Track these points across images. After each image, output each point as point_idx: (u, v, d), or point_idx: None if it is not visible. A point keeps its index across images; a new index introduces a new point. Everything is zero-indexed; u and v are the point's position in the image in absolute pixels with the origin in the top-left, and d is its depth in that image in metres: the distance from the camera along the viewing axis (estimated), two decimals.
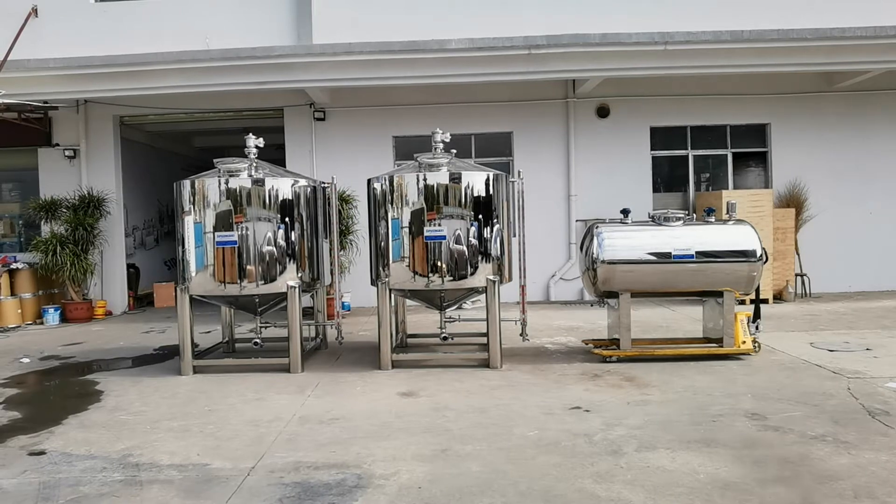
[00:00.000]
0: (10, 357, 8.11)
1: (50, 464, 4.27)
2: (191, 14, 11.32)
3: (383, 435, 4.61)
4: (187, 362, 6.77)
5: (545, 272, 11.50)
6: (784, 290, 10.94)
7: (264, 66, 9.99)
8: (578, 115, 11.65)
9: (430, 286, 6.59)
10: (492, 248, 6.62)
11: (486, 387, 5.83)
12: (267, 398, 5.75)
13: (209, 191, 6.63)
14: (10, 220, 12.54)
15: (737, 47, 9.85)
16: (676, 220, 6.80)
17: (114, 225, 11.92)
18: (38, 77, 10.12)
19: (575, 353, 7.17)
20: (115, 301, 12.02)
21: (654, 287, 6.83)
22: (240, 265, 6.59)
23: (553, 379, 6.08)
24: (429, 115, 11.33)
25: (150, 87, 10.21)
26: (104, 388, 6.31)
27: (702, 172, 12.28)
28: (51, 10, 11.36)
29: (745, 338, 6.83)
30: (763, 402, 5.18)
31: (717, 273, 6.62)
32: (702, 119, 11.84)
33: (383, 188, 6.72)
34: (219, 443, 4.58)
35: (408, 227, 6.58)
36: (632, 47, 9.86)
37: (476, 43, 9.72)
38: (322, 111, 11.69)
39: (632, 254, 6.59)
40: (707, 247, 6.61)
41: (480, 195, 6.58)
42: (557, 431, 4.58)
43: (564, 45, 9.75)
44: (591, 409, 5.09)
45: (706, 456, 4.07)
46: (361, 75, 10.14)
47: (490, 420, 4.88)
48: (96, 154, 11.93)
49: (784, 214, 11.04)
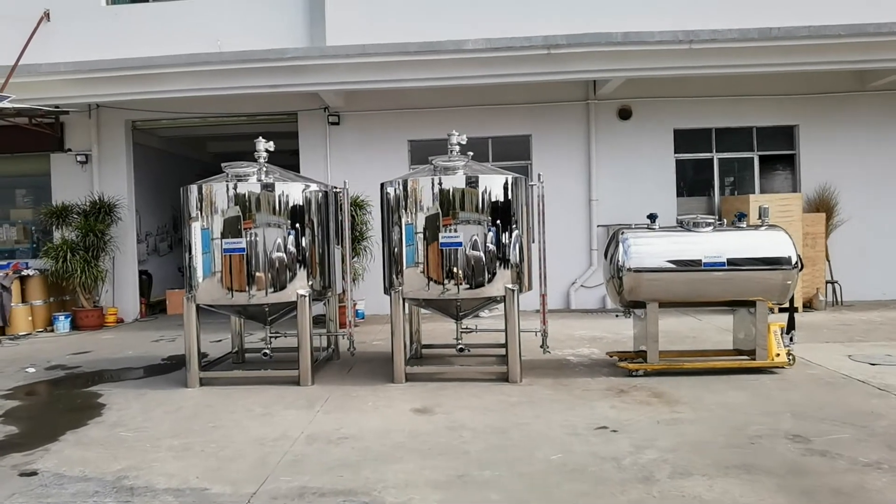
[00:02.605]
0: (17, 366, 7.94)
1: (40, 486, 4.02)
2: (203, 17, 11.16)
3: (395, 457, 4.30)
4: (194, 374, 6.52)
5: (565, 279, 11.13)
6: (814, 298, 10.49)
7: (277, 68, 9.77)
8: (599, 118, 11.29)
9: (445, 295, 6.27)
10: (510, 255, 6.30)
11: (506, 403, 5.50)
12: (274, 413, 5.47)
13: (217, 196, 6.39)
14: (22, 227, 12.46)
15: (765, 45, 9.44)
16: (706, 225, 6.43)
17: (126, 231, 11.77)
18: (49, 81, 10.00)
19: (599, 367, 6.81)
20: (127, 308, 11.86)
21: (682, 296, 6.46)
22: (248, 273, 6.33)
23: (577, 395, 5.73)
24: (445, 118, 11.04)
25: (162, 90, 10.05)
26: (107, 402, 6.07)
27: (726, 176, 11.86)
28: (63, 14, 11.25)
29: (779, 350, 6.44)
30: (804, 421, 4.80)
31: (749, 281, 6.25)
32: (727, 121, 11.42)
33: (397, 193, 6.43)
34: (220, 464, 4.31)
35: (422, 233, 6.28)
36: (655, 46, 9.49)
37: (493, 43, 9.42)
38: (336, 115, 11.46)
39: (659, 261, 6.23)
40: (739, 254, 6.24)
41: (499, 200, 6.26)
42: (583, 455, 4.24)
43: (585, 45, 9.41)
44: (618, 429, 4.74)
45: (747, 484, 3.71)
46: (376, 78, 9.88)
47: (510, 441, 4.55)
48: (108, 159, 11.80)
49: (814, 219, 10.60)
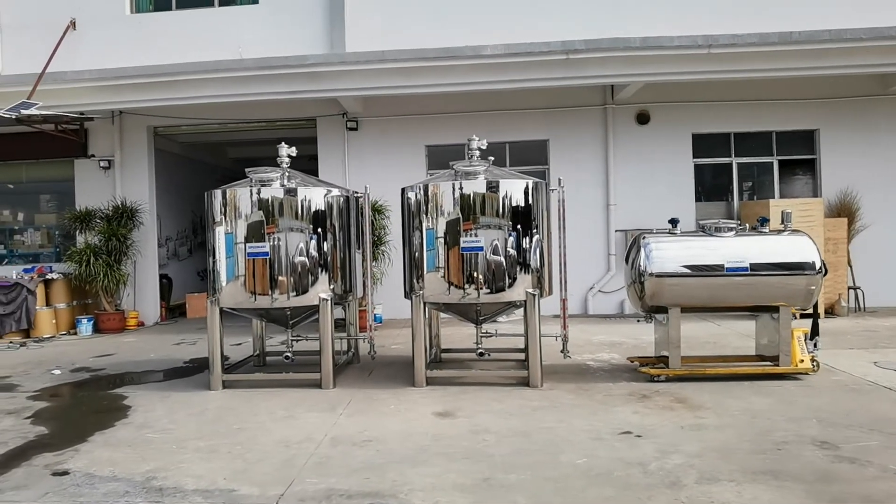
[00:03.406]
0: (43, 368, 8.06)
1: (72, 485, 4.08)
2: (224, 24, 11.33)
3: (420, 460, 4.32)
4: (217, 377, 6.59)
5: (583, 284, 11.11)
6: (836, 303, 10.38)
7: (297, 75, 9.88)
8: (617, 122, 11.29)
9: (466, 299, 6.29)
10: (531, 259, 6.31)
11: (528, 408, 5.50)
12: (297, 416, 5.52)
13: (241, 201, 6.47)
14: (46, 231, 12.66)
15: (785, 49, 9.39)
16: (728, 230, 6.40)
17: (147, 235, 11.92)
18: (74, 89, 10.18)
19: (619, 372, 6.79)
20: (148, 312, 12.00)
21: (704, 301, 6.42)
22: (271, 277, 6.40)
23: (598, 400, 5.72)
24: (462, 124, 11.10)
25: (184, 97, 10.19)
26: (132, 403, 6.16)
27: (744, 181, 11.78)
28: (88, 23, 11.48)
29: (803, 356, 6.38)
30: (831, 428, 4.76)
31: (773, 287, 6.20)
32: (746, 125, 11.36)
33: (417, 197, 6.48)
34: (247, 465, 4.35)
35: (443, 237, 6.31)
36: (674, 51, 9.48)
37: (512, 48, 9.46)
38: (355, 121, 11.55)
39: (681, 266, 6.21)
40: (762, 259, 6.20)
41: (519, 204, 6.28)
42: (608, 459, 4.23)
43: (604, 50, 9.42)
44: (642, 434, 4.73)
45: (776, 490, 3.68)
46: (395, 83, 9.95)
47: (534, 445, 4.55)
48: (130, 165, 11.98)
49: (835, 224, 10.50)
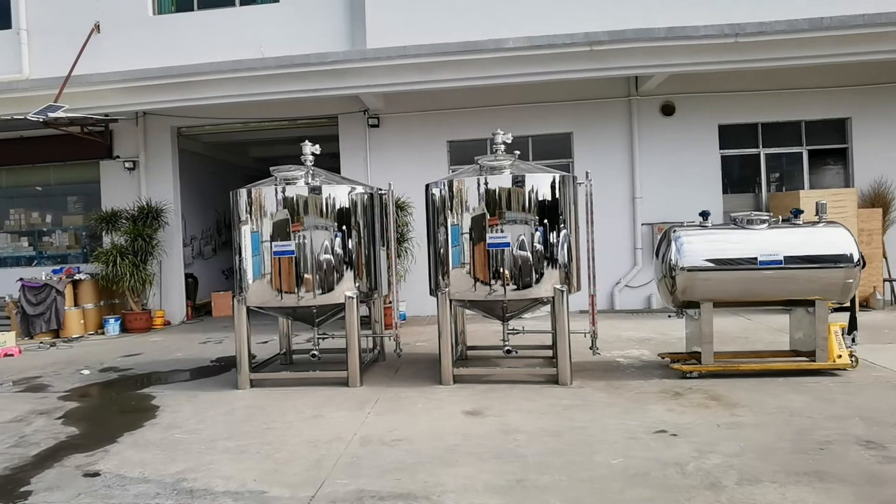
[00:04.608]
0: (72, 368, 8.15)
1: (104, 486, 4.08)
2: (246, 24, 11.33)
3: (450, 460, 4.25)
4: (244, 376, 6.59)
5: (609, 279, 10.95)
6: (871, 296, 10.11)
7: (319, 72, 9.85)
8: (642, 114, 11.09)
9: (492, 296, 6.21)
10: (559, 255, 6.20)
11: (558, 406, 5.40)
12: (326, 415, 5.48)
13: (266, 199, 6.45)
14: (74, 232, 12.83)
15: (815, 36, 9.12)
16: (761, 222, 6.23)
17: (172, 235, 12.02)
18: (99, 91, 10.27)
19: (650, 368, 6.66)
20: (174, 311, 12.10)
21: (737, 296, 6.26)
22: (297, 275, 6.38)
23: (630, 397, 5.60)
24: (484, 118, 11.01)
25: (206, 96, 10.22)
26: (160, 403, 6.18)
27: (772, 172, 11.51)
28: (112, 25, 11.56)
29: (841, 351, 6.19)
30: (876, 427, 4.59)
31: (808, 280, 6.02)
32: (774, 115, 11.10)
33: (442, 193, 6.40)
34: (276, 466, 4.32)
35: (468, 233, 6.23)
36: (700, 41, 9.26)
37: (534, 41, 9.32)
38: (376, 118, 11.51)
39: (713, 260, 6.06)
40: (797, 251, 6.02)
41: (546, 199, 6.17)
42: (644, 459, 4.12)
43: (628, 41, 9.23)
44: (678, 433, 4.61)
45: (822, 493, 3.55)
46: (416, 79, 9.87)
47: (566, 445, 4.46)
48: (155, 165, 12.08)
49: (869, 215, 10.21)
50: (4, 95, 10.41)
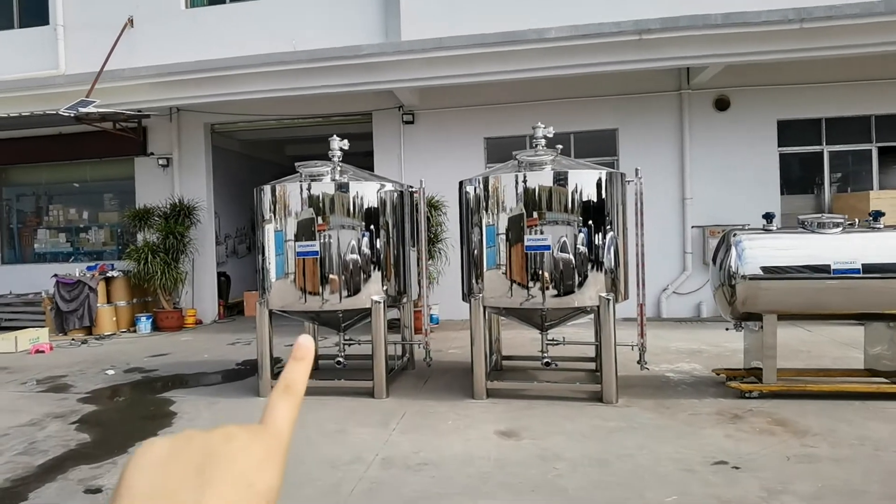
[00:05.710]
0: (98, 367, 7.97)
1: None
2: (278, 16, 11.06)
3: (482, 491, 3.78)
4: (266, 383, 6.25)
5: (656, 285, 10.27)
6: None
7: (352, 66, 9.48)
8: (693, 109, 10.38)
9: (530, 304, 5.70)
10: (604, 259, 5.65)
11: (603, 429, 4.86)
12: (348, 430, 5.07)
13: (290, 197, 6.10)
14: (110, 229, 12.80)
15: (893, 20, 8.31)
16: (834, 226, 5.56)
17: (205, 233, 11.84)
18: (132, 86, 10.12)
19: (704, 385, 6.05)
20: (206, 310, 11.93)
21: (805, 308, 5.60)
22: (321, 277, 6.00)
23: (683, 420, 5.03)
24: (523, 114, 10.46)
25: (238, 91, 9.96)
26: (178, 410, 5.88)
27: (835, 171, 10.66)
28: (145, 19, 11.44)
29: None
30: None
31: (891, 292, 5.34)
32: (840, 109, 10.24)
33: (477, 191, 5.92)
34: (289, 489, 3.92)
35: (505, 234, 5.74)
36: (760, 27, 8.53)
37: (579, 30, 8.75)
38: (410, 114, 11.10)
39: (779, 268, 5.43)
40: (877, 259, 5.34)
41: (591, 198, 5.63)
42: (703, 497, 3.58)
43: (681, 29, 8.57)
44: (740, 466, 4.03)
45: None
46: (453, 72, 9.40)
47: (613, 477, 3.93)
48: (188, 162, 11.92)
49: None
50: (41, 91, 10.37)
